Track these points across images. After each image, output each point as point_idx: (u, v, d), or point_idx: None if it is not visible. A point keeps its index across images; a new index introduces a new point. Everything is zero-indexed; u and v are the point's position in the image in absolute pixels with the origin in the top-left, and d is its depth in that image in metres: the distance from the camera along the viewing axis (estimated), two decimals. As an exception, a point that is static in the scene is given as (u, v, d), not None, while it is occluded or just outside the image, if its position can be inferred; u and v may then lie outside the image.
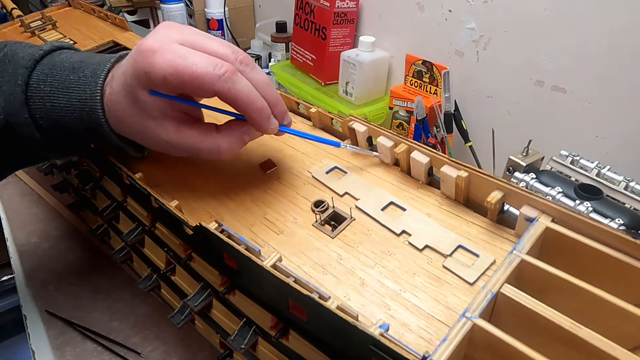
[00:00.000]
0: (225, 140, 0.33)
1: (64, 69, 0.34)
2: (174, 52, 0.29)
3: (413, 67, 0.77)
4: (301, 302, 0.27)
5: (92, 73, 0.34)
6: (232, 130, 0.34)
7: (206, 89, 0.30)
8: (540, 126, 0.67)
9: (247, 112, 0.32)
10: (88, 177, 0.48)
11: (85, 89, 0.33)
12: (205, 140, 0.33)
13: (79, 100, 0.33)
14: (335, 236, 0.33)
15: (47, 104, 0.33)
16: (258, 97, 0.32)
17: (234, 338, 0.33)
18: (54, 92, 0.33)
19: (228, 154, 0.34)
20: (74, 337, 0.46)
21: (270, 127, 0.33)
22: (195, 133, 0.33)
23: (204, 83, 0.29)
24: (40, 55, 0.35)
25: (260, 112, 0.32)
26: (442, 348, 0.22)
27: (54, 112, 0.33)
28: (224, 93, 0.30)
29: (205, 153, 0.34)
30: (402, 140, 0.36)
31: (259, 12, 1.22)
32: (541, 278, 0.27)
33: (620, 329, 0.24)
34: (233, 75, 0.30)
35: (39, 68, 0.34)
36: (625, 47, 0.55)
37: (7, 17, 0.81)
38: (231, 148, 0.34)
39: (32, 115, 0.33)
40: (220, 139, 0.33)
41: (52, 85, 0.33)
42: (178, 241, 0.36)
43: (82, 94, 0.33)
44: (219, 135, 0.34)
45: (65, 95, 0.33)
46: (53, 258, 0.54)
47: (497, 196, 0.31)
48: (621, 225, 0.40)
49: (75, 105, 0.33)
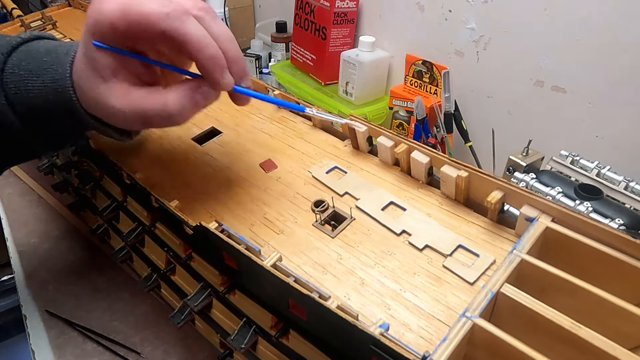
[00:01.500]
0: (173, 98, 0.30)
1: (39, 53, 0.33)
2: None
3: (413, 67, 0.77)
4: (301, 301, 0.27)
5: (65, 53, 0.32)
6: (181, 86, 0.30)
7: (152, 30, 0.27)
8: (540, 126, 0.67)
9: (197, 58, 0.28)
10: (88, 177, 0.48)
11: (58, 68, 0.32)
12: (150, 97, 0.30)
13: (52, 80, 0.32)
14: (336, 236, 0.33)
15: (22, 88, 0.32)
16: (212, 44, 0.28)
17: (234, 338, 0.33)
18: (28, 76, 0.32)
19: (178, 114, 0.30)
20: (74, 337, 0.46)
21: (223, 81, 0.29)
22: (142, 93, 0.30)
23: (151, 21, 0.27)
24: (18, 42, 0.33)
25: (213, 59, 0.29)
26: (442, 348, 0.22)
27: (29, 96, 0.32)
28: (171, 33, 0.27)
29: (153, 115, 0.30)
30: (402, 140, 0.36)
31: (259, 12, 1.21)
32: (541, 278, 0.27)
33: (620, 328, 0.24)
34: (182, 15, 0.28)
35: (15, 54, 0.33)
36: (625, 47, 0.55)
37: (7, 17, 0.81)
38: (180, 105, 0.30)
39: (9, 102, 0.32)
40: (167, 96, 0.30)
41: (27, 69, 0.32)
42: (178, 241, 0.36)
43: (54, 75, 0.32)
44: (166, 93, 0.30)
45: (39, 78, 0.32)
46: (53, 258, 0.54)
47: (497, 196, 0.31)
48: (621, 225, 0.40)
49: (49, 87, 0.32)
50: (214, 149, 0.43)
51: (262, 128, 0.46)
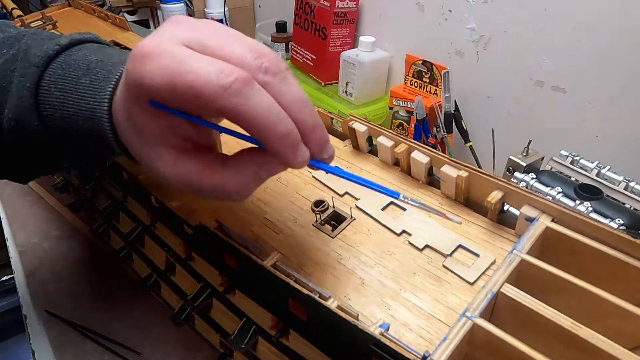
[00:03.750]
0: (233, 179, 0.25)
1: (78, 69, 0.29)
2: (171, 57, 0.22)
3: (413, 67, 0.77)
4: (301, 301, 0.27)
5: (105, 76, 0.28)
6: (243, 163, 0.26)
7: (207, 106, 0.22)
8: (540, 126, 0.67)
9: (265, 139, 0.23)
10: (88, 177, 0.48)
11: (95, 95, 0.28)
12: (206, 176, 0.25)
13: (88, 108, 0.28)
14: (336, 236, 0.33)
15: (58, 111, 0.29)
16: (282, 118, 0.23)
17: (234, 338, 0.33)
18: (65, 97, 0.29)
19: (238, 197, 0.25)
20: (74, 337, 0.46)
21: (296, 160, 0.24)
22: (195, 167, 0.25)
23: (204, 97, 0.22)
24: (55, 51, 0.30)
25: (283, 139, 0.23)
26: (443, 347, 0.22)
27: (65, 120, 0.29)
28: (231, 111, 0.22)
29: (208, 192, 0.25)
30: (403, 140, 0.36)
31: (259, 12, 1.22)
32: (541, 278, 0.27)
33: (620, 328, 0.24)
34: (244, 87, 0.22)
35: (52, 67, 0.29)
36: (625, 47, 0.55)
37: (7, 17, 0.81)
38: (241, 189, 0.25)
39: (43, 123, 0.29)
40: (226, 176, 0.25)
41: (64, 90, 0.29)
42: (178, 241, 0.36)
43: (91, 102, 0.28)
44: (225, 170, 0.25)
45: (76, 102, 0.28)
46: (53, 258, 0.54)
47: (497, 196, 0.31)
48: (621, 225, 0.40)
49: (85, 115, 0.28)
50: (214, 149, 0.43)
51: (262, 128, 0.46)
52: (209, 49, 0.23)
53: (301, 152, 0.24)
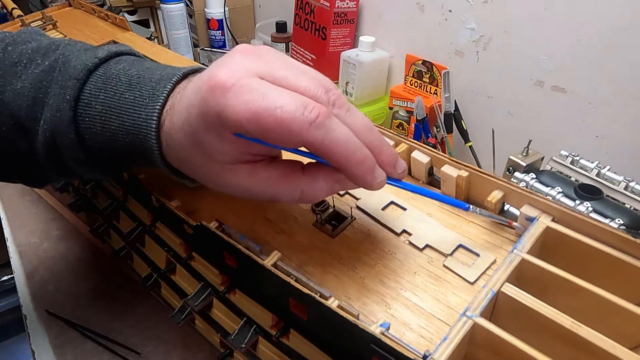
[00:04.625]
0: (312, 186, 0.27)
1: (120, 83, 0.29)
2: (252, 91, 0.23)
3: (413, 67, 0.77)
4: (302, 301, 0.27)
5: (151, 93, 0.28)
6: (322, 174, 0.27)
7: (293, 139, 0.24)
8: (540, 126, 0.67)
9: (347, 167, 0.25)
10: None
11: (141, 112, 0.28)
12: (286, 183, 0.27)
13: (132, 124, 0.28)
14: (336, 236, 0.33)
15: (98, 125, 0.29)
16: (359, 146, 0.25)
17: (234, 337, 0.33)
18: (106, 111, 0.29)
19: (311, 201, 0.28)
20: (74, 337, 0.46)
21: (376, 182, 0.26)
22: (273, 174, 0.27)
23: (291, 131, 0.23)
24: (94, 64, 0.30)
25: (363, 165, 0.25)
26: (443, 347, 0.22)
27: (105, 134, 0.29)
28: (316, 144, 0.24)
29: (285, 197, 0.27)
30: (403, 139, 0.36)
31: (259, 12, 1.22)
32: (542, 277, 0.27)
33: (621, 328, 0.24)
34: (326, 121, 0.23)
35: (92, 80, 0.29)
36: (625, 47, 0.55)
37: (8, 17, 0.81)
38: (316, 196, 0.27)
39: (79, 135, 0.29)
40: (305, 182, 0.27)
41: (105, 104, 0.29)
42: (178, 240, 0.36)
43: (136, 118, 0.28)
44: (305, 178, 0.27)
45: (119, 116, 0.29)
46: (53, 258, 0.54)
47: (498, 196, 0.31)
48: (621, 226, 0.40)
49: (128, 129, 0.28)
50: (214, 149, 0.43)
51: (262, 128, 0.46)
52: (281, 81, 0.25)
53: (377, 174, 0.26)
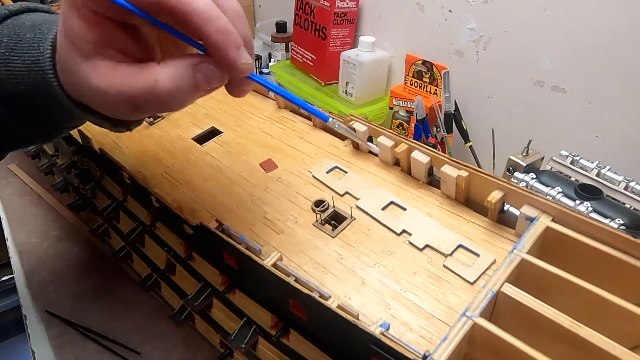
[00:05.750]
0: (165, 72, 0.24)
1: (24, 28, 0.29)
2: None
3: (413, 67, 0.77)
4: (302, 301, 0.27)
5: (48, 29, 0.28)
6: (178, 60, 0.24)
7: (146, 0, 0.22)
8: (540, 126, 0.67)
9: (204, 31, 0.23)
10: (88, 177, 0.48)
11: (39, 47, 0.27)
12: (138, 75, 0.24)
13: (32, 61, 0.28)
14: (336, 236, 0.33)
15: (3, 68, 0.28)
16: (222, 16, 0.23)
17: (234, 337, 0.33)
18: (9, 54, 0.28)
19: (172, 95, 0.24)
20: (74, 337, 0.46)
21: (240, 60, 0.24)
22: (129, 70, 0.24)
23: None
24: (3, 15, 0.30)
25: (225, 34, 0.23)
26: (443, 347, 0.22)
27: (11, 78, 0.28)
28: (170, 2, 0.22)
29: (141, 95, 0.24)
30: (403, 140, 0.36)
31: (259, 12, 1.22)
32: (541, 277, 0.27)
33: (621, 327, 0.24)
34: None
35: (0, 29, 0.29)
36: (625, 47, 0.55)
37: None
38: (175, 85, 0.24)
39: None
40: (159, 71, 0.24)
41: (8, 47, 0.28)
42: (178, 240, 0.36)
43: (35, 54, 0.27)
44: (159, 67, 0.24)
45: (20, 57, 0.28)
46: (53, 258, 0.54)
47: (498, 196, 0.31)
48: (621, 225, 0.40)
49: (30, 68, 0.28)
50: (214, 149, 0.43)
51: (262, 128, 0.46)
52: None
53: (244, 54, 0.24)
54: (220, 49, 0.23)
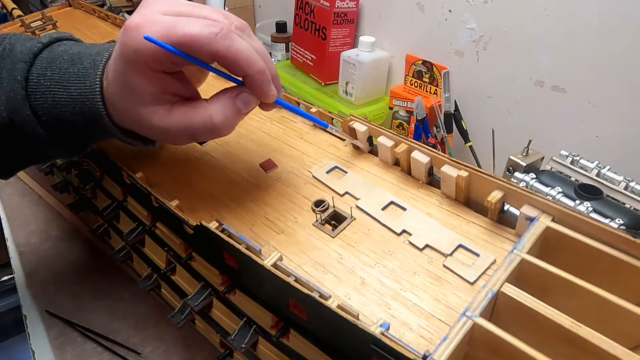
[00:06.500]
0: (216, 107, 0.31)
1: (63, 61, 0.33)
2: (161, 23, 0.28)
3: (413, 67, 0.77)
4: (302, 301, 0.27)
5: (91, 64, 0.32)
6: (222, 95, 0.31)
7: (203, 51, 0.28)
8: (540, 126, 0.67)
9: (248, 73, 0.30)
10: (88, 177, 0.48)
11: (85, 81, 0.32)
12: (195, 113, 0.31)
13: (80, 93, 0.32)
14: (336, 236, 0.33)
15: (49, 99, 0.32)
16: (259, 59, 0.30)
17: (234, 337, 0.33)
18: (54, 86, 0.32)
19: (224, 125, 0.31)
20: (74, 337, 0.46)
21: (270, 93, 0.31)
22: (185, 109, 0.31)
23: (200, 43, 0.28)
24: (39, 48, 0.34)
25: (263, 73, 0.30)
26: (443, 347, 0.22)
27: (56, 107, 0.32)
28: (223, 51, 0.28)
29: (200, 128, 0.31)
30: (403, 140, 0.36)
31: (259, 12, 1.22)
32: (542, 277, 0.27)
33: (621, 327, 0.24)
34: (230, 33, 0.28)
35: (38, 62, 0.33)
36: (625, 47, 0.55)
37: (8, 17, 0.81)
38: (224, 116, 0.31)
39: (34, 112, 0.32)
40: (210, 107, 0.31)
41: (52, 80, 0.32)
42: (178, 240, 0.36)
43: (81, 87, 0.32)
44: (209, 104, 0.31)
45: (66, 89, 0.32)
46: (53, 258, 0.54)
47: (498, 196, 0.31)
48: (621, 225, 0.40)
49: (76, 99, 0.32)
50: (214, 149, 0.43)
51: (262, 128, 0.46)
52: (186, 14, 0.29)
53: (272, 87, 0.31)
54: (257, 85, 0.30)
